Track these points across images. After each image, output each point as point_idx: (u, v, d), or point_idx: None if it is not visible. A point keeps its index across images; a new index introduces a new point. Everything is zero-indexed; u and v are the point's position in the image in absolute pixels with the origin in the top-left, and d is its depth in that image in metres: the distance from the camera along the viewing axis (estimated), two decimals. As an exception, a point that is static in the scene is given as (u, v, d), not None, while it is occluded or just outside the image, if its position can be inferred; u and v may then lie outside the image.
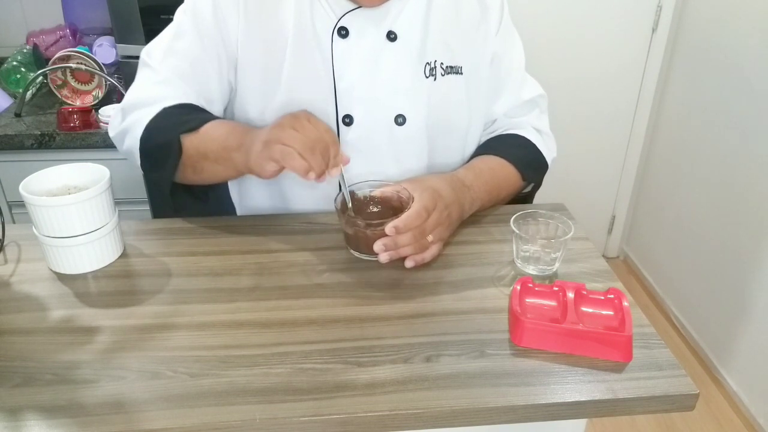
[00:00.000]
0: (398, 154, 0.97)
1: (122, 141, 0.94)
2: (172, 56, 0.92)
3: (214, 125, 0.88)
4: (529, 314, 0.72)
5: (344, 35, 0.91)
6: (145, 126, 0.89)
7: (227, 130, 0.87)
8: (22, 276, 0.82)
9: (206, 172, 0.90)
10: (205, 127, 0.88)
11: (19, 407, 0.61)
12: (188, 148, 0.87)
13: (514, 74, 1.05)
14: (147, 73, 0.94)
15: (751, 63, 1.81)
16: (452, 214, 0.87)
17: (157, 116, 0.89)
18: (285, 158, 0.77)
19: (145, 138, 0.89)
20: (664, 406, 0.65)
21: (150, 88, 0.92)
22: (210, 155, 0.87)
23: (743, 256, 1.84)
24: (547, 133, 1.07)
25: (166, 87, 0.92)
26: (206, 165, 0.88)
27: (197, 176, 0.91)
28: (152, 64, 0.93)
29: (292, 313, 0.75)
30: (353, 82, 0.93)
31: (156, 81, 0.92)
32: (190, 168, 0.89)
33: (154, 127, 0.89)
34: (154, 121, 0.89)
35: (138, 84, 0.95)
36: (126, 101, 0.94)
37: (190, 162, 0.88)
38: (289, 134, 0.77)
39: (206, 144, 0.87)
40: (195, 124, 0.88)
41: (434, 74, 0.96)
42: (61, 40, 1.94)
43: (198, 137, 0.87)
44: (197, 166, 0.89)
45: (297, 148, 0.76)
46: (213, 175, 0.91)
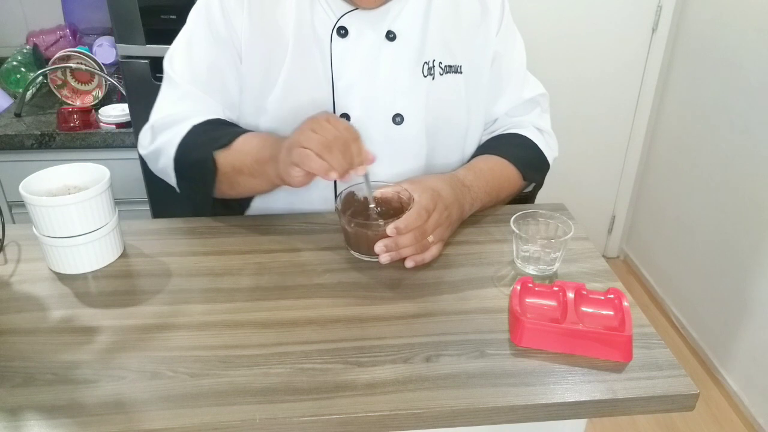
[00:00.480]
0: (397, 154, 0.97)
1: (156, 161, 0.95)
2: (191, 65, 0.94)
3: (246, 139, 0.89)
4: (529, 314, 0.72)
5: (344, 35, 0.91)
6: (177, 146, 0.90)
7: (259, 143, 0.88)
8: (22, 276, 0.82)
9: (242, 186, 0.90)
10: (237, 141, 0.88)
11: (19, 407, 0.61)
12: (223, 164, 0.88)
13: (516, 73, 1.05)
14: (170, 88, 0.95)
15: (751, 63, 1.81)
16: (452, 214, 0.87)
17: (188, 135, 0.90)
18: (303, 161, 0.76)
19: (178, 158, 0.90)
20: (664, 406, 0.65)
21: (176, 105, 0.94)
22: (245, 170, 0.87)
23: (743, 256, 1.84)
24: (548, 132, 1.07)
25: (190, 103, 0.93)
26: (241, 180, 0.89)
27: (233, 191, 0.92)
28: (174, 76, 0.94)
29: (292, 313, 0.75)
30: (352, 81, 0.93)
31: (180, 96, 0.94)
32: (226, 184, 0.90)
33: (185, 147, 0.90)
34: (185, 139, 0.90)
35: (163, 100, 0.96)
36: (154, 120, 0.95)
37: (226, 178, 0.89)
38: (307, 136, 0.77)
39: (240, 159, 0.87)
40: (226, 140, 0.88)
41: (433, 74, 0.96)
42: (61, 40, 1.94)
43: (231, 153, 0.88)
44: (233, 181, 0.89)
45: (313, 149, 0.75)
46: (249, 189, 0.92)
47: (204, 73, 0.93)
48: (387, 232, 0.81)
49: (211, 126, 0.92)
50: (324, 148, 0.76)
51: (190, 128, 0.91)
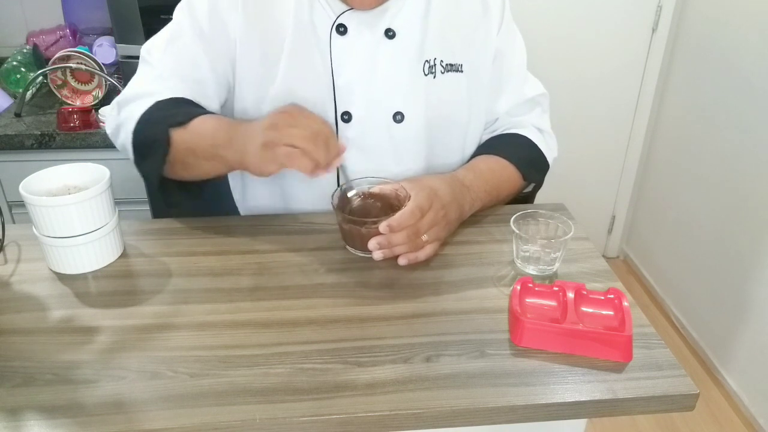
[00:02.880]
0: (397, 152, 0.97)
1: (117, 136, 0.93)
2: (170, 55, 0.92)
3: (202, 120, 0.86)
4: (529, 314, 0.72)
5: (343, 32, 0.91)
6: (137, 120, 0.88)
7: (214, 126, 0.85)
8: (22, 276, 0.82)
9: (196, 168, 0.87)
10: (194, 122, 0.85)
11: (19, 407, 0.61)
12: (177, 143, 0.85)
13: (516, 72, 1.05)
14: (145, 69, 0.94)
15: (751, 63, 1.81)
16: (449, 214, 0.87)
17: (149, 109, 0.88)
18: (291, 160, 0.75)
19: (136, 131, 0.88)
20: (664, 406, 0.65)
21: (145, 83, 0.92)
22: (198, 152, 0.85)
23: (743, 256, 1.84)
24: (548, 132, 1.07)
25: (161, 82, 0.91)
26: (195, 161, 0.86)
27: (186, 172, 0.89)
28: (150, 60, 0.93)
29: (292, 313, 0.75)
30: (352, 79, 0.93)
31: (151, 77, 0.92)
32: (179, 164, 0.87)
33: (145, 121, 0.87)
34: (146, 114, 0.88)
35: (135, 80, 0.94)
36: (121, 96, 0.93)
37: (179, 158, 0.86)
38: (289, 133, 0.76)
39: (194, 140, 0.84)
40: (183, 118, 0.86)
41: (433, 72, 0.95)
42: (61, 40, 1.94)
43: (187, 132, 0.85)
44: (186, 161, 0.86)
45: (301, 146, 0.75)
46: (201, 171, 0.88)
47: (181, 63, 0.92)
48: (380, 230, 0.81)
49: (174, 103, 0.89)
50: (309, 143, 0.75)
51: (153, 103, 0.88)
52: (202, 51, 0.91)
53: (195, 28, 0.91)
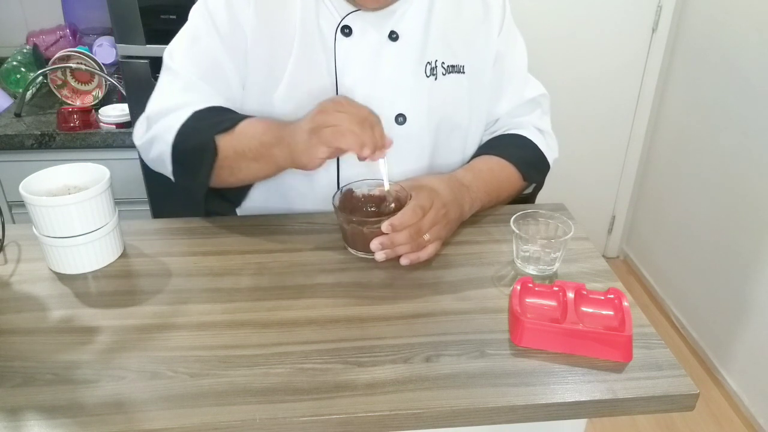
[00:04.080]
0: (399, 153, 0.97)
1: (149, 149, 0.93)
2: (193, 58, 0.92)
3: (249, 123, 0.88)
4: (529, 314, 0.72)
5: (348, 34, 0.92)
6: (176, 131, 0.88)
7: (263, 127, 0.87)
8: (22, 276, 0.82)
9: (244, 171, 0.88)
10: (240, 126, 0.87)
11: (19, 407, 0.61)
12: (225, 148, 0.87)
13: (517, 74, 1.05)
14: (170, 78, 0.94)
15: (751, 63, 1.81)
16: (449, 213, 0.87)
17: (189, 120, 0.88)
18: (336, 137, 0.77)
19: (177, 143, 0.88)
20: (664, 406, 0.65)
21: (175, 94, 0.92)
22: (248, 154, 0.86)
23: (743, 256, 1.84)
24: (549, 133, 1.07)
25: (191, 92, 0.92)
26: (244, 164, 0.87)
27: (233, 177, 0.90)
28: (174, 67, 0.93)
29: (292, 313, 0.75)
30: (355, 80, 0.93)
31: (180, 87, 0.92)
32: (226, 169, 0.88)
33: (185, 132, 0.88)
34: (186, 125, 0.88)
35: (162, 90, 0.94)
36: (152, 109, 0.93)
37: (227, 163, 0.87)
38: (335, 116, 0.78)
39: (243, 143, 0.86)
40: (229, 124, 0.87)
41: (435, 74, 0.96)
42: (61, 40, 1.94)
43: (234, 137, 0.86)
44: (234, 166, 0.88)
45: (347, 126, 0.77)
46: (250, 175, 0.90)
47: (206, 66, 0.92)
48: (382, 229, 0.81)
49: (213, 112, 0.90)
50: (356, 125, 0.77)
51: (192, 113, 0.89)
52: (223, 50, 0.92)
53: (214, 28, 0.91)
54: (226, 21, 0.91)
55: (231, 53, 0.92)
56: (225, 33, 0.91)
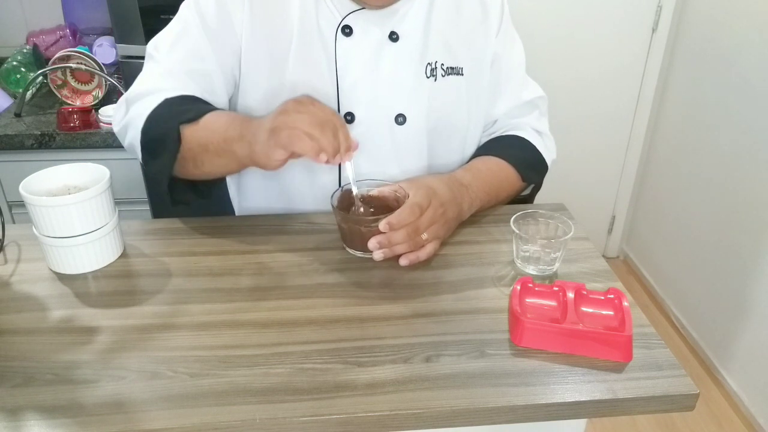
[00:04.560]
0: (398, 154, 0.97)
1: (125, 135, 0.92)
2: (177, 51, 0.92)
3: (214, 116, 0.86)
4: (529, 314, 0.72)
5: (348, 34, 0.91)
6: (146, 117, 0.87)
7: (227, 121, 0.85)
8: (22, 276, 0.82)
9: (207, 165, 0.86)
10: (205, 118, 0.85)
11: (19, 407, 0.61)
12: (188, 140, 0.85)
13: (515, 75, 1.05)
14: (152, 65, 0.93)
15: (751, 63, 1.81)
16: (448, 212, 0.87)
17: (158, 107, 0.87)
18: (293, 141, 0.74)
19: (146, 129, 0.87)
20: (664, 406, 0.65)
21: (152, 79, 0.91)
22: (210, 147, 0.84)
23: (743, 256, 1.84)
24: (546, 134, 1.07)
25: (169, 79, 0.90)
26: (207, 158, 0.85)
27: (198, 170, 0.88)
28: (157, 57, 0.92)
29: (292, 313, 0.75)
30: (355, 80, 0.93)
31: (158, 73, 0.91)
32: (190, 161, 0.86)
33: (154, 118, 0.86)
34: (155, 111, 0.87)
35: (142, 76, 0.93)
36: (129, 93, 0.92)
37: (191, 155, 0.85)
38: (295, 117, 0.75)
39: (207, 136, 0.84)
40: (194, 114, 0.85)
41: (435, 75, 0.96)
42: (61, 40, 1.94)
43: (198, 128, 0.84)
44: (198, 159, 0.86)
45: (305, 129, 0.74)
46: (214, 169, 0.88)
47: (189, 59, 0.91)
48: (380, 228, 0.81)
49: (185, 101, 0.88)
50: (316, 128, 0.74)
51: (162, 101, 0.87)
52: (209, 45, 0.91)
53: (202, 23, 0.91)
54: (216, 18, 0.90)
55: (216, 50, 0.91)
56: (212, 28, 0.90)
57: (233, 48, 0.92)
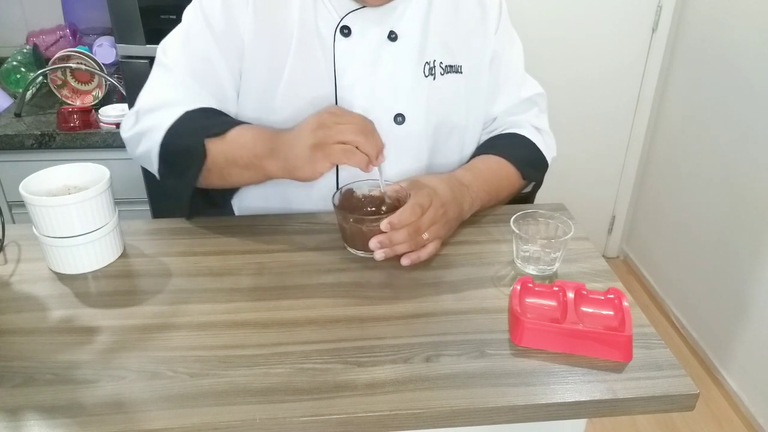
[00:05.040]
0: (398, 153, 0.97)
1: (137, 144, 0.93)
2: (187, 55, 0.92)
3: (241, 131, 0.87)
4: (529, 314, 0.72)
5: (347, 34, 0.91)
6: (166, 130, 0.88)
7: (254, 136, 0.86)
8: (22, 276, 0.82)
9: (234, 177, 0.88)
10: (232, 133, 0.86)
11: (19, 407, 0.61)
12: (215, 154, 0.86)
13: (513, 73, 1.05)
14: (162, 73, 0.94)
15: (750, 63, 1.81)
16: (449, 212, 0.87)
17: (179, 120, 0.88)
18: (348, 156, 0.78)
19: (166, 142, 0.88)
20: (664, 406, 0.65)
21: (167, 90, 0.92)
22: (239, 162, 0.86)
23: (743, 256, 1.84)
24: (546, 131, 1.07)
25: (182, 90, 0.91)
26: (235, 171, 0.87)
27: (223, 181, 0.90)
28: (167, 63, 0.93)
29: (292, 313, 0.75)
30: (354, 80, 0.93)
31: (171, 83, 0.92)
32: (215, 173, 0.88)
33: (175, 132, 0.88)
34: (176, 125, 0.88)
35: (153, 85, 0.94)
36: (142, 103, 0.92)
37: (217, 168, 0.87)
38: (339, 129, 0.78)
39: (234, 151, 0.86)
40: (219, 129, 0.87)
41: (434, 74, 0.96)
42: (61, 40, 1.94)
43: (225, 143, 0.86)
44: (224, 172, 0.87)
45: (354, 140, 0.77)
46: (240, 180, 0.90)
47: (199, 64, 0.92)
48: (381, 228, 0.81)
49: (204, 114, 0.90)
50: (360, 136, 0.78)
51: (183, 114, 0.88)
52: (217, 50, 0.91)
53: (208, 27, 0.91)
54: (222, 21, 0.90)
55: (225, 53, 0.91)
56: (219, 33, 0.91)
57: (239, 49, 0.92)
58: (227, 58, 0.92)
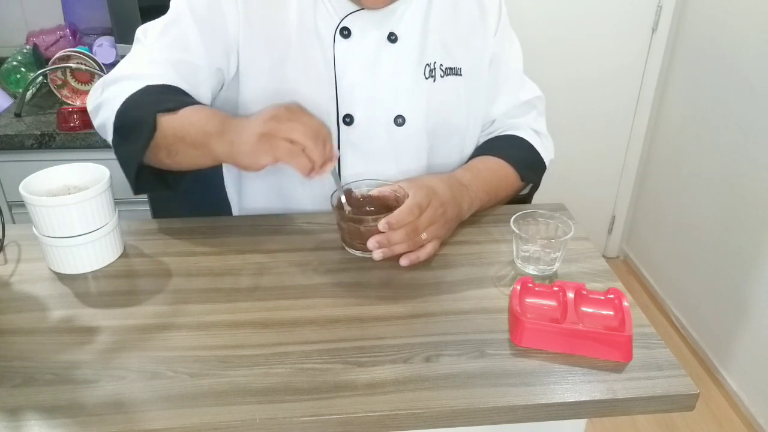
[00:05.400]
0: (397, 155, 0.97)
1: (97, 114, 0.91)
2: (166, 38, 0.90)
3: (195, 109, 0.84)
4: (529, 314, 0.72)
5: (346, 35, 0.91)
6: (123, 100, 0.85)
7: (207, 115, 0.83)
8: (22, 276, 0.82)
9: (181, 155, 0.84)
10: (185, 110, 0.83)
11: (19, 407, 0.61)
12: (165, 128, 0.83)
13: (512, 75, 1.05)
14: (138, 50, 0.92)
15: (751, 63, 1.81)
16: (448, 212, 0.87)
17: (138, 92, 0.86)
18: (292, 156, 0.74)
19: (121, 112, 0.85)
20: (664, 406, 0.65)
21: (136, 65, 0.90)
22: (187, 138, 0.82)
23: (743, 256, 1.84)
24: (544, 134, 1.08)
25: (152, 66, 0.89)
26: (182, 148, 0.83)
27: (170, 159, 0.85)
28: (145, 42, 0.92)
29: (292, 313, 0.75)
30: (354, 82, 0.93)
31: (144, 60, 0.90)
32: (164, 150, 0.84)
33: (132, 103, 0.85)
34: (134, 96, 0.85)
35: (126, 61, 0.92)
36: (109, 75, 0.91)
37: (165, 143, 0.83)
38: (288, 126, 0.74)
39: (184, 127, 0.82)
40: (173, 105, 0.84)
41: (434, 75, 0.96)
42: (61, 40, 1.94)
43: (176, 119, 0.83)
44: (172, 148, 0.84)
45: (302, 142, 0.74)
46: (187, 160, 0.85)
47: (175, 47, 0.90)
48: (379, 228, 0.81)
49: (165, 89, 0.87)
50: (309, 139, 0.74)
51: (143, 87, 0.86)
52: (198, 38, 0.90)
53: (193, 16, 0.90)
54: (206, 12, 0.89)
55: (206, 42, 0.90)
56: (203, 22, 0.89)
57: (225, 46, 0.91)
58: (207, 50, 0.90)
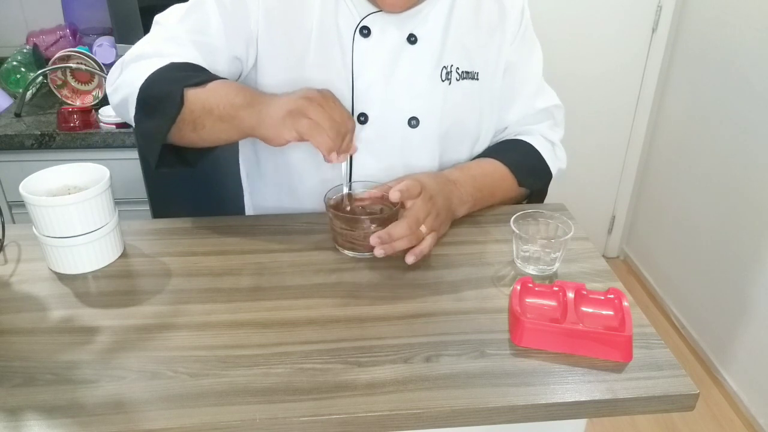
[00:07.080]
0: (409, 156, 0.97)
1: (117, 92, 0.90)
2: (188, 21, 0.90)
3: (221, 83, 0.85)
4: (529, 314, 0.72)
5: (366, 35, 0.91)
6: (147, 76, 0.85)
7: (235, 89, 0.84)
8: (22, 276, 0.82)
9: (207, 129, 0.84)
10: (213, 83, 0.84)
11: (19, 407, 0.61)
12: (192, 101, 0.83)
13: (530, 82, 1.04)
14: (158, 30, 0.92)
15: (751, 63, 1.81)
16: (438, 203, 0.86)
17: (163, 68, 0.86)
18: (312, 133, 0.76)
19: (146, 87, 0.85)
20: (664, 406, 0.65)
21: (156, 43, 0.90)
22: (215, 111, 0.82)
23: (743, 256, 1.84)
24: (557, 144, 1.07)
25: (173, 45, 0.89)
26: (209, 121, 0.83)
27: (195, 134, 0.85)
28: (162, 22, 0.92)
29: (292, 313, 0.75)
30: (371, 81, 0.93)
31: (163, 37, 0.90)
32: (190, 124, 0.84)
33: (157, 78, 0.85)
34: (159, 72, 0.85)
35: (145, 40, 0.92)
36: (129, 54, 0.90)
37: (192, 117, 0.83)
38: (318, 111, 0.77)
39: (212, 99, 0.82)
40: (200, 79, 0.84)
41: (450, 78, 0.95)
42: (61, 40, 1.94)
43: (204, 92, 0.83)
44: (198, 122, 0.83)
45: (326, 126, 0.76)
46: (213, 133, 0.85)
47: (196, 29, 0.90)
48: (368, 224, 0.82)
49: (190, 67, 0.88)
50: (332, 130, 0.76)
51: (168, 63, 0.86)
52: (221, 23, 0.90)
53: (216, 2, 0.90)
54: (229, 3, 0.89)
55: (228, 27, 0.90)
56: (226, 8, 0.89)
57: (245, 36, 0.91)
58: (228, 32, 0.90)
